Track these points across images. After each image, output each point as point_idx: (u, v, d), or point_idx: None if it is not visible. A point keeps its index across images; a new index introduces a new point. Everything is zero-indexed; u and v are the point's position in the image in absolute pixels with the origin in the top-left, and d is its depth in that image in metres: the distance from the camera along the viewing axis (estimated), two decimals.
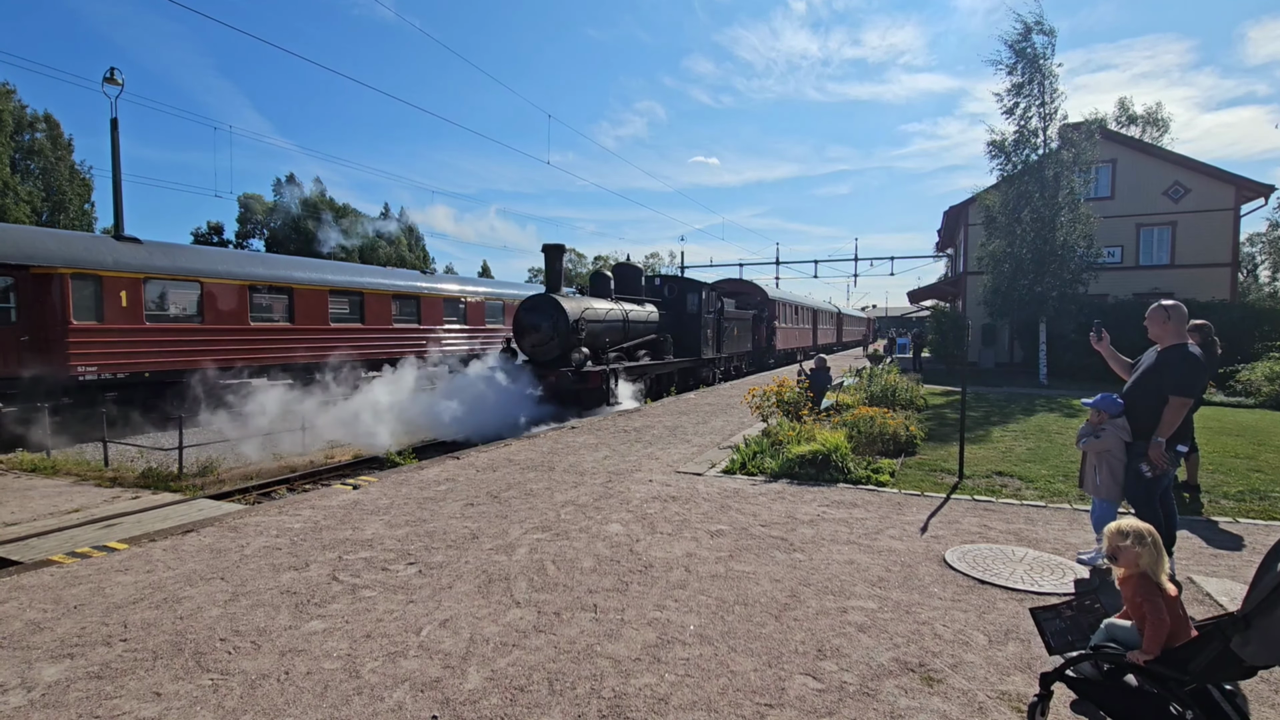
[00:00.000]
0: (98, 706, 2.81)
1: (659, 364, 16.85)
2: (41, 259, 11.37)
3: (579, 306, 13.99)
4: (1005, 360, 24.62)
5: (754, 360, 26.30)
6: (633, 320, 16.28)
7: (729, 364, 22.62)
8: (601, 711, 2.79)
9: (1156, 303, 4.51)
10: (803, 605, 3.86)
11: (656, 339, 17.23)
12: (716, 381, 20.52)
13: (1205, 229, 21.97)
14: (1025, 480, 7.05)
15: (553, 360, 13.48)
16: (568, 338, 13.41)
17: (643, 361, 16.16)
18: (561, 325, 13.47)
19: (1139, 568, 2.50)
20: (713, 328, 19.83)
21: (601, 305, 15.15)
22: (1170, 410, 4.20)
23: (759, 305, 27.49)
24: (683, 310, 18.79)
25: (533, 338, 13.73)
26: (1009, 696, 2.90)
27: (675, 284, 19.50)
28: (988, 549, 4.82)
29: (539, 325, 13.62)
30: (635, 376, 15.31)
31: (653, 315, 17.56)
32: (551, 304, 13.61)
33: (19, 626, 3.58)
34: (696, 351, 18.78)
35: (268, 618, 3.68)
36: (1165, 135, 38.78)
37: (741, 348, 23.84)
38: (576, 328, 13.40)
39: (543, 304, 13.73)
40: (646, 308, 17.44)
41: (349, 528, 5.35)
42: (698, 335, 18.78)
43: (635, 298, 17.33)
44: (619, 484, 6.86)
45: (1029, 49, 17.66)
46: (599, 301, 15.31)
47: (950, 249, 35.07)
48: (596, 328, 14.38)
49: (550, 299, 13.72)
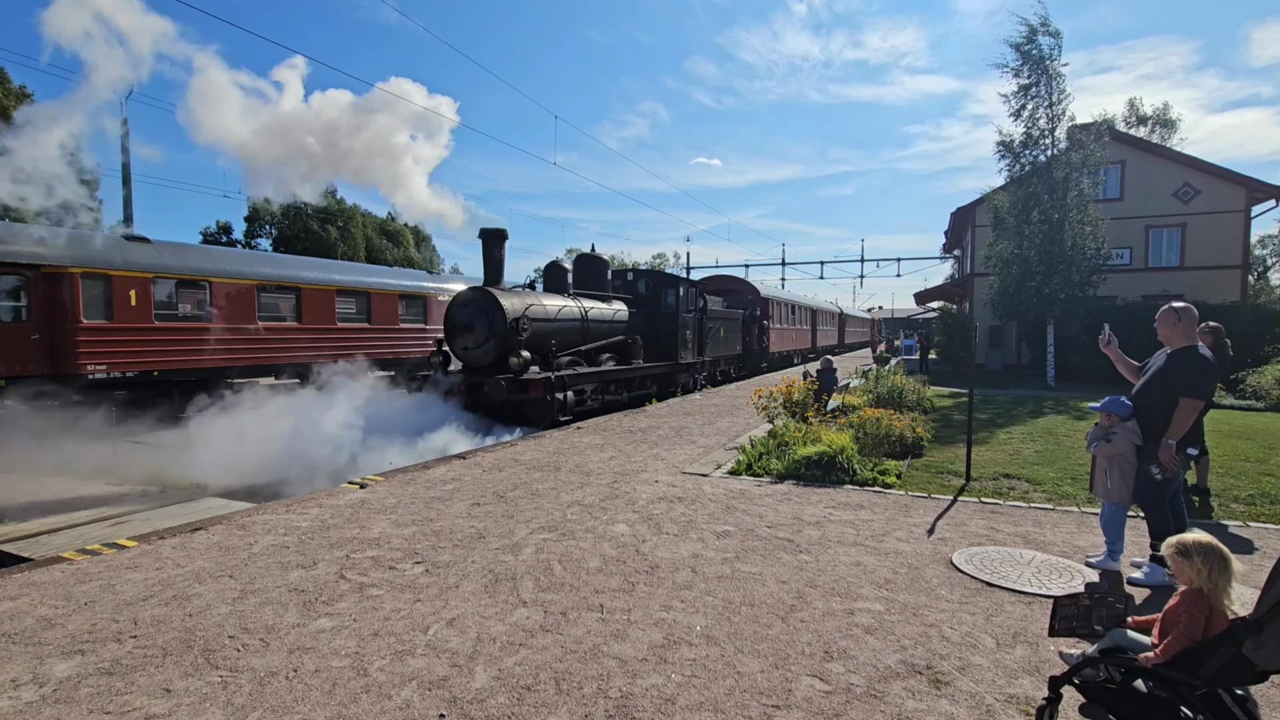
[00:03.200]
0: (109, 702, 2.83)
1: (624, 369, 14.52)
2: (52, 258, 11.46)
3: (521, 303, 11.95)
4: (1013, 362, 24.51)
5: (745, 364, 24.14)
6: (594, 319, 14.09)
7: (714, 368, 20.40)
8: (608, 711, 2.79)
9: (1167, 305, 4.49)
10: (809, 607, 3.85)
11: (624, 341, 15.04)
12: (698, 388, 18.25)
13: (1215, 231, 21.81)
14: (1033, 483, 7.01)
15: (489, 366, 11.51)
16: (506, 339, 11.36)
17: (605, 366, 13.98)
18: (499, 325, 11.40)
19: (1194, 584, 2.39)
20: (693, 328, 17.68)
21: (553, 302, 13.08)
22: (1181, 412, 4.17)
23: (750, 304, 25.18)
24: (658, 309, 16.62)
25: (465, 339, 11.73)
26: (1017, 700, 2.89)
27: (649, 279, 17.29)
28: (995, 551, 4.80)
29: (472, 324, 11.60)
30: (594, 384, 13.24)
31: (621, 314, 15.33)
32: (487, 300, 11.56)
33: (31, 623, 3.61)
34: (673, 355, 16.52)
35: (276, 615, 3.70)
36: (1175, 136, 38.55)
37: (729, 350, 21.65)
38: (517, 328, 11.32)
39: (477, 299, 11.68)
40: (613, 305, 15.27)
41: (356, 526, 5.37)
42: (675, 337, 16.54)
43: (599, 294, 15.19)
44: (625, 484, 6.86)
45: (1034, 51, 17.60)
46: (551, 298, 13.25)
47: (957, 250, 34.95)
48: (545, 328, 12.29)
49: (485, 293, 11.66)
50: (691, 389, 17.90)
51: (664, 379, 16.60)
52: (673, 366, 16.60)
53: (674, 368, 16.67)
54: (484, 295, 11.62)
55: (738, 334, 22.76)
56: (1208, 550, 2.38)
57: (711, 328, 19.27)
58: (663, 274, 17.82)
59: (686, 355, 17.24)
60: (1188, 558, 2.39)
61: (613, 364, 14.32)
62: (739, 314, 23.10)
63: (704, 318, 18.37)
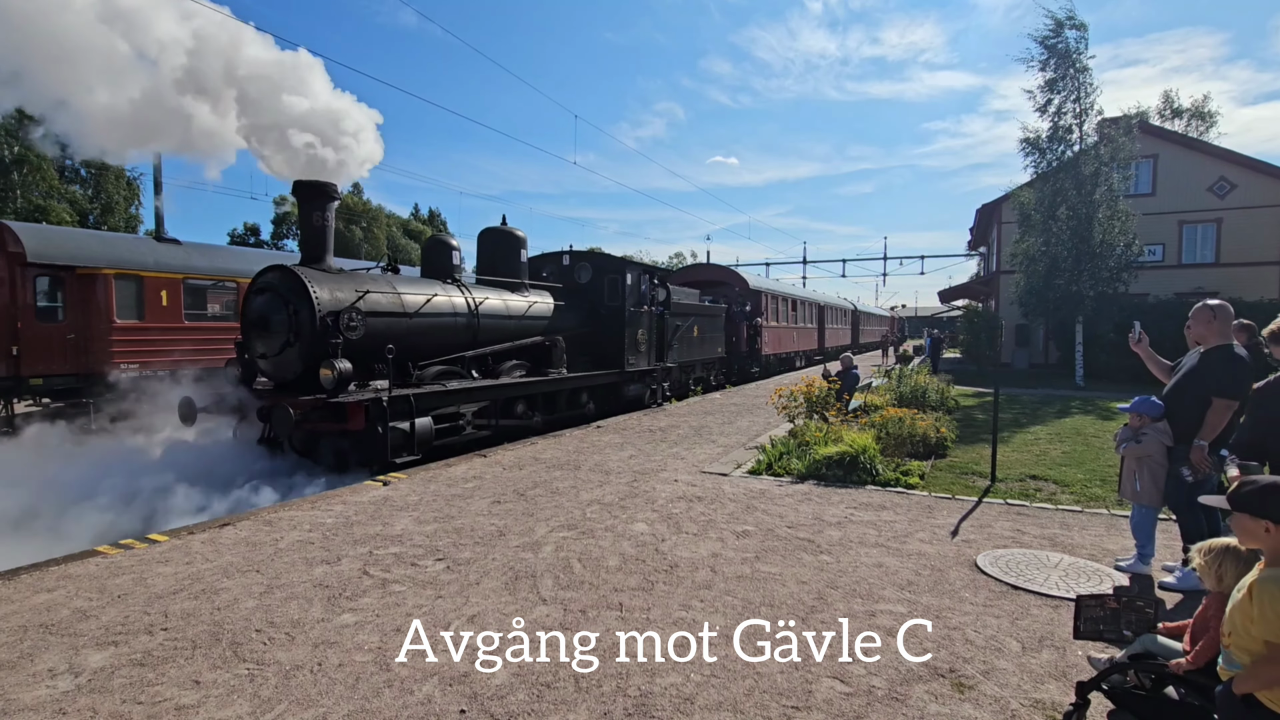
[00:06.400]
0: (140, 693, 2.91)
1: (528, 383, 10.31)
2: (86, 260, 11.77)
3: (347, 291, 8.05)
4: (1040, 361, 24.07)
5: (731, 370, 20.37)
6: (490, 315, 10.20)
7: (686, 376, 16.67)
8: (627, 710, 2.79)
9: (1201, 302, 4.38)
10: (830, 608, 3.82)
11: (542, 344, 11.12)
12: (660, 401, 14.54)
13: (1252, 226, 21.22)
14: (1061, 484, 6.88)
15: (295, 381, 7.82)
16: (315, 342, 7.55)
17: (504, 380, 10.02)
18: (305, 320, 7.60)
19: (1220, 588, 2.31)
20: (648, 326, 13.77)
21: (415, 290, 9.07)
22: (1214, 412, 4.07)
23: (738, 298, 21.46)
24: (599, 301, 12.95)
25: (260, 342, 7.97)
26: (1043, 705, 2.84)
27: (591, 264, 13.50)
28: (1021, 554, 4.72)
29: (268, 320, 7.80)
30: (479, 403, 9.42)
31: (540, 307, 11.53)
32: (288, 284, 7.75)
33: (67, 614, 3.71)
34: (619, 361, 12.81)
35: (301, 610, 3.76)
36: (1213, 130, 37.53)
37: (707, 354, 17.77)
38: (336, 325, 7.55)
39: (276, 284, 7.85)
40: (528, 297, 11.40)
41: (379, 523, 5.44)
42: (621, 337, 12.80)
43: (510, 281, 11.37)
44: (644, 483, 6.87)
45: (1060, 44, 17.26)
46: (414, 284, 9.24)
47: (983, 247, 34.40)
48: (395, 326, 8.56)
49: (287, 275, 7.77)
50: (649, 403, 14.03)
51: (607, 391, 12.91)
52: (618, 376, 12.85)
53: (620, 377, 12.91)
54: (285, 278, 7.78)
55: (720, 333, 18.95)
56: (1239, 555, 2.31)
57: (680, 326, 15.62)
58: (607, 257, 14.15)
59: (639, 360, 13.41)
60: (1220, 562, 2.33)
61: (523, 374, 10.58)
62: (721, 309, 19.18)
63: (666, 313, 14.68)
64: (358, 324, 7.79)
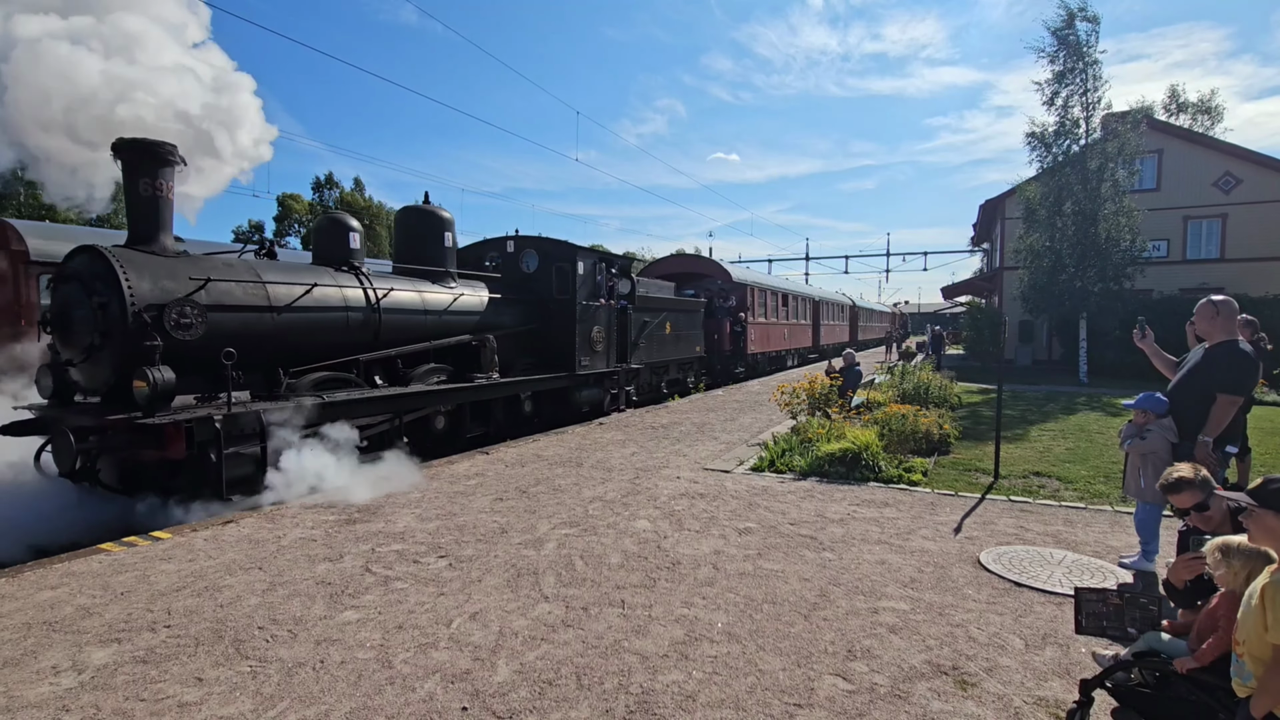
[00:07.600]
0: (143, 690, 2.91)
1: (440, 390, 8.55)
2: None
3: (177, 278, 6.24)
4: (1043, 358, 23.99)
5: (712, 370, 18.76)
6: (394, 309, 8.35)
7: (657, 378, 15.02)
8: (629, 707, 2.79)
9: (1205, 298, 4.35)
10: (832, 605, 3.81)
11: (470, 344, 9.44)
12: (620, 407, 12.74)
13: (1258, 221, 21.09)
14: (1064, 481, 6.86)
15: (109, 393, 6.11)
16: (126, 341, 5.79)
17: (423, 385, 8.47)
18: (114, 316, 5.81)
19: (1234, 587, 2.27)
20: (606, 323, 12.02)
21: (286, 279, 7.21)
22: (1219, 408, 4.04)
23: (720, 292, 19.82)
24: (548, 294, 11.11)
25: (64, 346, 6.25)
26: (1046, 703, 2.83)
27: (533, 249, 11.53)
28: (1024, 551, 4.71)
29: (69, 316, 6.08)
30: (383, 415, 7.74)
31: (468, 300, 9.62)
32: (95, 269, 5.94)
33: (70, 611, 3.72)
34: (569, 362, 11.04)
35: (303, 607, 3.77)
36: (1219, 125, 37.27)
37: (683, 353, 15.98)
38: (156, 322, 5.85)
39: (80, 270, 6.03)
40: (453, 289, 9.45)
41: (381, 520, 5.45)
42: (571, 334, 11.04)
43: (432, 270, 9.38)
44: (647, 480, 6.87)
45: (1071, 36, 17.19)
46: (287, 273, 7.35)
47: (986, 243, 34.29)
48: (259, 325, 6.81)
49: (95, 257, 5.97)
50: (606, 408, 12.38)
51: (556, 397, 11.09)
52: (568, 379, 11.07)
53: (570, 380, 11.14)
54: (92, 262, 6.00)
55: (698, 330, 17.00)
56: (1249, 552, 2.29)
57: (650, 323, 14.04)
58: (555, 242, 11.68)
59: (595, 361, 11.70)
60: (1228, 559, 2.31)
61: (441, 380, 8.89)
62: (699, 304, 17.31)
63: (628, 308, 12.88)
64: (192, 320, 6.08)
